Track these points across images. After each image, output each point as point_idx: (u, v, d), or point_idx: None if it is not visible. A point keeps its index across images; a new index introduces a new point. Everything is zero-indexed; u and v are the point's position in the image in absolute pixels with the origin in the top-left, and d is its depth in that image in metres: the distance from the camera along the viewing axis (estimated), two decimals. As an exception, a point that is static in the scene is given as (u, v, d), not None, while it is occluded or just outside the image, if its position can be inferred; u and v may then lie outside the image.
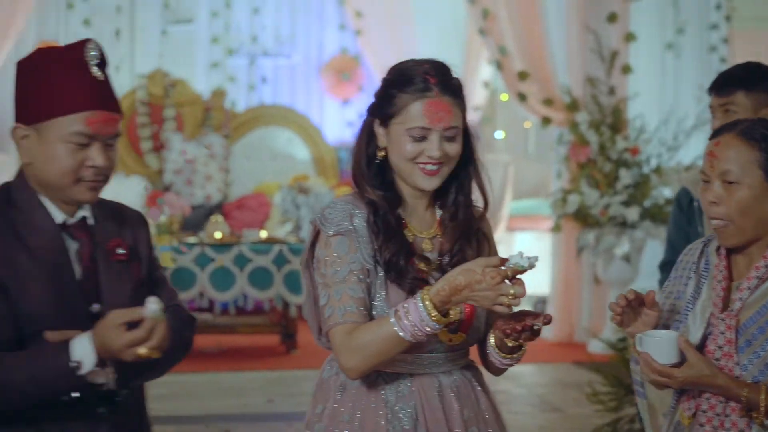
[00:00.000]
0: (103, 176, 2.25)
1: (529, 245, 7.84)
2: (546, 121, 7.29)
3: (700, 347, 2.33)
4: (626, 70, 7.14)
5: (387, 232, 2.31)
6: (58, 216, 2.26)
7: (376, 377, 2.31)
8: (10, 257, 2.19)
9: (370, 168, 2.37)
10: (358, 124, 2.42)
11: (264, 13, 9.78)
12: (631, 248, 6.85)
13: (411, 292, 2.27)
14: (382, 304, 2.28)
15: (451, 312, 2.22)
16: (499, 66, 7.43)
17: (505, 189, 7.95)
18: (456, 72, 2.39)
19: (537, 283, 7.54)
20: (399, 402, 2.30)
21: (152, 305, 2.08)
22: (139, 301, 2.17)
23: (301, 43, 9.94)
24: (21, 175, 2.28)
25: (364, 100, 9.76)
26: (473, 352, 2.44)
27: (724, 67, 9.04)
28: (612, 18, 7.08)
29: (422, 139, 2.29)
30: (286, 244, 7.07)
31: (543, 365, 6.68)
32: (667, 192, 7.17)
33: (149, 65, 9.25)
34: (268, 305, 7.46)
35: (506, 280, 2.14)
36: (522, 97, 7.33)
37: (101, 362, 2.13)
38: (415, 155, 2.31)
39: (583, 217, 6.95)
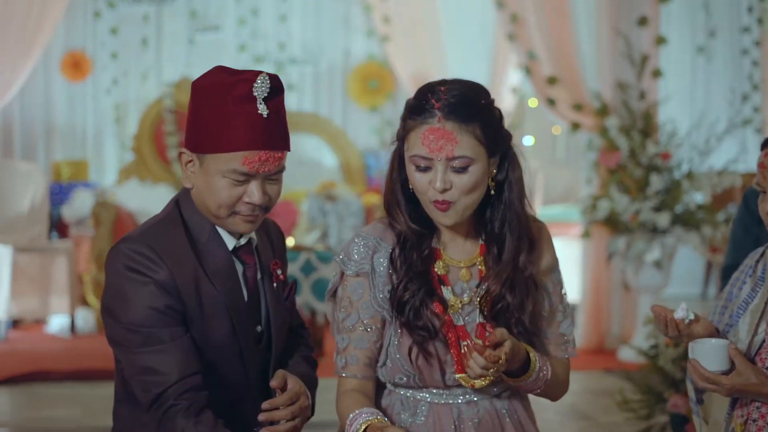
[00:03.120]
0: (260, 210, 2.23)
1: (559, 251, 7.75)
2: (575, 126, 7.22)
3: (753, 354, 2.33)
4: (657, 74, 7.05)
5: (408, 272, 2.20)
6: (229, 241, 2.27)
7: (395, 400, 2.26)
8: (196, 286, 2.20)
9: (404, 195, 2.23)
10: (385, 132, 2.31)
11: (291, 21, 9.77)
12: (661, 254, 6.76)
13: (420, 345, 2.19)
14: (395, 350, 2.21)
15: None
16: (528, 71, 7.36)
17: (534, 195, 7.89)
18: (476, 95, 2.16)
19: (567, 290, 7.46)
20: (412, 430, 2.24)
21: None
22: (293, 329, 2.41)
23: (328, 50, 9.92)
24: (187, 196, 2.28)
25: (392, 107, 9.73)
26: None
27: (756, 71, 8.98)
28: (642, 22, 7.00)
29: (426, 169, 2.15)
30: (313, 252, 7.03)
31: (573, 373, 6.54)
32: (699, 197, 7.09)
33: (176, 73, 9.26)
34: (295, 313, 7.42)
35: None
36: (551, 103, 7.26)
37: None
38: (424, 187, 2.16)
39: (613, 224, 6.87)
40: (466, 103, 2.13)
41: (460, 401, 2.24)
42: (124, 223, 7.97)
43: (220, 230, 2.26)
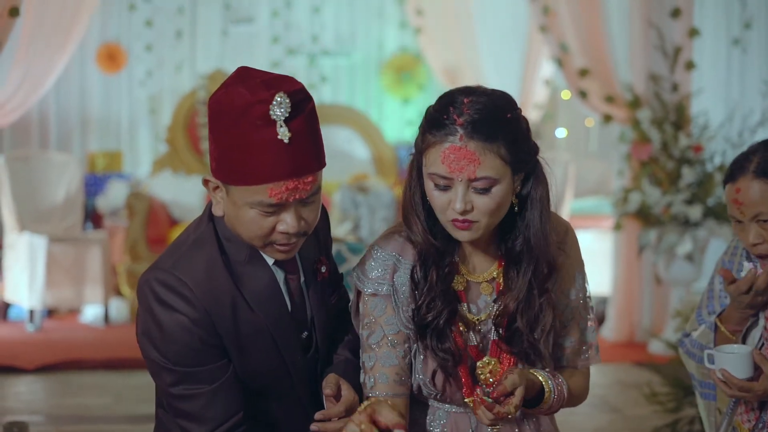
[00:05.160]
0: (297, 238, 2.06)
1: (590, 244, 7.74)
2: (607, 118, 7.19)
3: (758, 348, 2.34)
4: (689, 66, 6.99)
5: (430, 291, 2.09)
6: (269, 257, 2.11)
7: (412, 404, 2.18)
8: (234, 315, 2.06)
9: (424, 209, 2.11)
10: (417, 124, 2.19)
11: (324, 13, 9.80)
12: (693, 247, 6.72)
13: (444, 368, 2.11)
14: (419, 370, 2.14)
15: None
16: (560, 63, 7.34)
17: (566, 188, 7.86)
18: (501, 109, 2.00)
19: (598, 282, 7.44)
20: None
21: None
22: (336, 313, 2.26)
23: (361, 41, 9.94)
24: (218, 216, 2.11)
25: (424, 99, 9.73)
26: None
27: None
28: (675, 13, 6.95)
29: (446, 188, 2.02)
30: (344, 243, 7.02)
31: (603, 366, 6.59)
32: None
33: (210, 65, 9.32)
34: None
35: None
36: (583, 95, 7.23)
37: None
38: (443, 206, 2.04)
39: (644, 216, 6.84)
40: (491, 119, 1.99)
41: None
42: (158, 214, 8.04)
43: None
